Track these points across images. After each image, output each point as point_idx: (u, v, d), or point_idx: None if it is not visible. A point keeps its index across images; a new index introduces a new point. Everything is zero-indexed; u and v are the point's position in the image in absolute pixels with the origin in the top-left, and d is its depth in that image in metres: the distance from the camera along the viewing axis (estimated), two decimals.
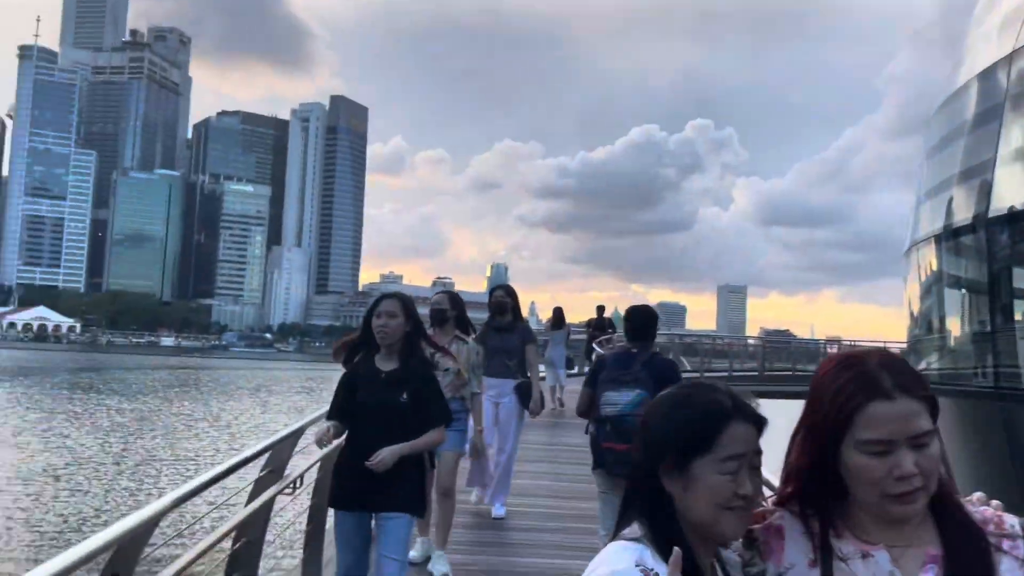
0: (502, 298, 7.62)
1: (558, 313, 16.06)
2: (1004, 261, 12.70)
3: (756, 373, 21.56)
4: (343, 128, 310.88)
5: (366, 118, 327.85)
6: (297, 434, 4.90)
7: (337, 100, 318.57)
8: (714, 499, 1.41)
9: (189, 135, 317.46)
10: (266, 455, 4.55)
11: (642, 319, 5.25)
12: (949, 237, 14.98)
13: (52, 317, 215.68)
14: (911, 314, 17.87)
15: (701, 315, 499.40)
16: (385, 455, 3.83)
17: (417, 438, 3.98)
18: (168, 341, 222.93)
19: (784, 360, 24.58)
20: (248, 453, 4.29)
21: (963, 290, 15.15)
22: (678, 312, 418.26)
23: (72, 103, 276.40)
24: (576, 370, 18.73)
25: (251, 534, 4.21)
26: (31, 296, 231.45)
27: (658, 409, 1.51)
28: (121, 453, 28.29)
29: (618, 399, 4.73)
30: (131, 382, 69.05)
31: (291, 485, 4.68)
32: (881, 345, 25.23)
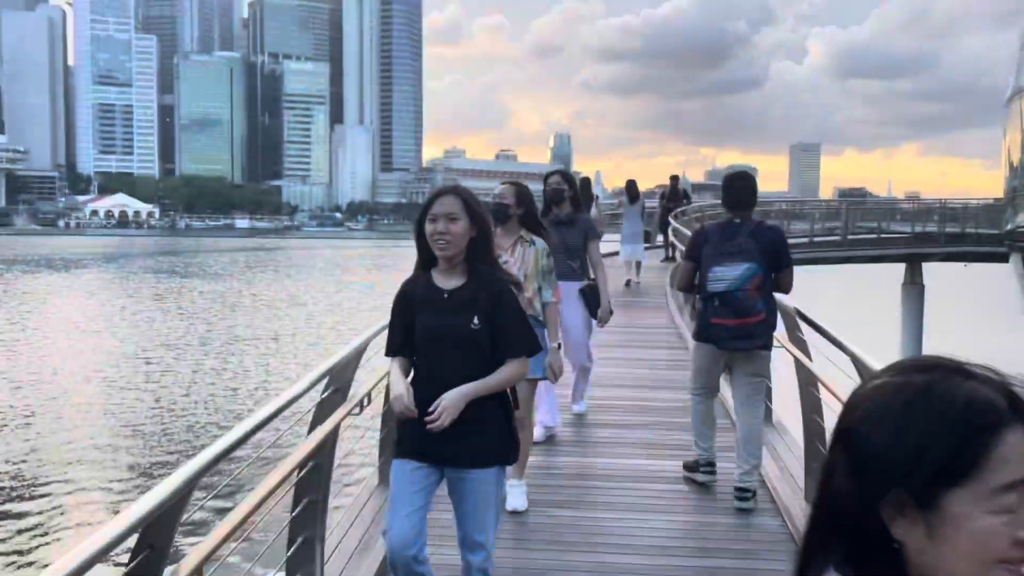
0: (558, 185, 6.24)
1: (631, 186, 15.37)
2: None
3: (839, 237, 20.49)
4: None
5: None
6: (360, 352, 4.33)
7: None
8: (983, 551, 0.89)
9: (245, 14, 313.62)
10: (326, 379, 3.97)
11: (742, 186, 4.91)
12: None
13: (131, 204, 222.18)
14: (1010, 166, 16.66)
15: (773, 177, 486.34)
16: (448, 404, 2.91)
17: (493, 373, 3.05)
18: (243, 223, 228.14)
19: (860, 220, 23.37)
20: (306, 382, 3.63)
21: None
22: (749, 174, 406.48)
23: None
24: (650, 244, 18.27)
25: (318, 458, 3.72)
26: (109, 184, 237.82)
27: (876, 409, 0.95)
28: (206, 335, 29.27)
29: (726, 273, 4.53)
30: (211, 264, 71.23)
31: (359, 406, 4.14)
32: (967, 200, 23.81)
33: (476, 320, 3.01)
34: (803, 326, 4.99)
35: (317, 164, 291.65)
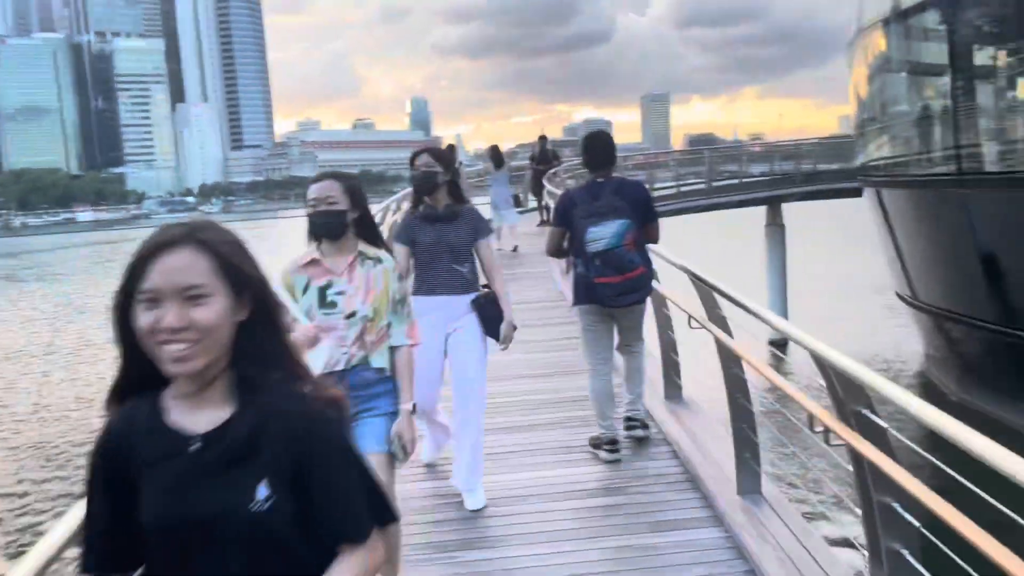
0: (428, 167, 4.44)
1: (495, 151, 14.91)
2: (967, 36, 11.87)
3: (704, 185, 20.82)
4: None
5: None
6: None
7: None
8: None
9: None
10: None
11: (601, 145, 5.00)
12: (901, 18, 14.05)
13: None
14: (858, 102, 17.20)
15: (626, 128, 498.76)
16: None
17: None
18: (86, 216, 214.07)
19: (722, 166, 23.97)
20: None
21: (917, 73, 14.42)
22: (604, 127, 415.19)
23: None
24: (522, 208, 17.87)
25: None
26: None
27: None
28: (51, 343, 26.98)
29: (603, 232, 4.60)
30: (52, 264, 66.15)
31: None
32: (803, 139, 24.81)
33: (262, 491, 1.46)
34: (721, 301, 4.66)
35: (161, 147, 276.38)
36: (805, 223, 24.70)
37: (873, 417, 2.93)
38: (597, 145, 5.00)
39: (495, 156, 14.78)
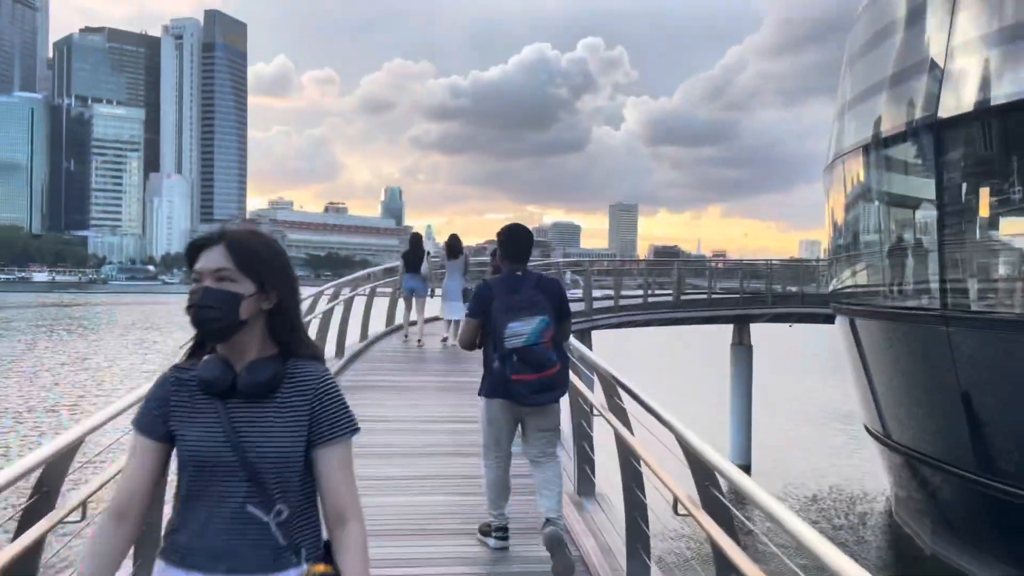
0: None
1: (453, 241, 14.12)
2: (955, 166, 11.43)
3: (672, 297, 20.17)
4: (220, 45, 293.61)
5: (245, 34, 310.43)
6: (74, 448, 3.40)
7: (212, 15, 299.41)
8: None
9: (50, 54, 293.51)
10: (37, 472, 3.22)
11: (524, 238, 4.94)
12: (881, 146, 13.73)
13: None
14: (834, 227, 16.79)
15: (595, 234, 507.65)
16: None
17: None
18: (41, 276, 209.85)
19: (691, 279, 23.47)
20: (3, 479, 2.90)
21: (898, 203, 14.03)
22: (572, 231, 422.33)
23: None
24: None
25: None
26: None
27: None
28: None
29: (523, 328, 4.49)
30: None
31: (77, 509, 3.36)
32: (767, 260, 24.60)
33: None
34: (622, 394, 4.76)
35: (129, 213, 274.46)
36: (772, 344, 24.15)
37: (722, 500, 3.12)
38: (519, 237, 4.91)
39: (451, 246, 14.05)
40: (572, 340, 5.38)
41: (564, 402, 5.08)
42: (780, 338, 25.29)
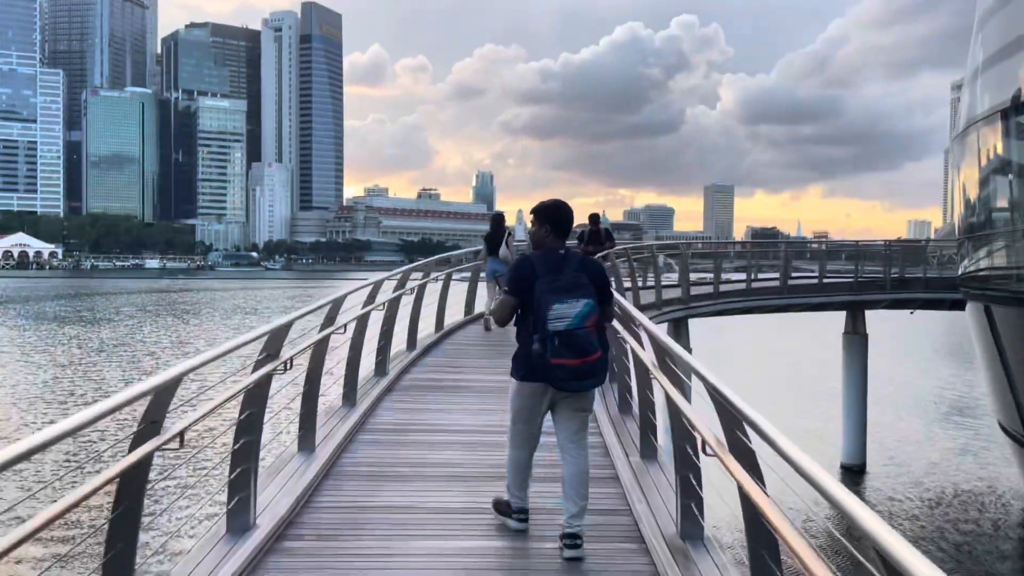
0: None
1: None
2: None
3: (778, 283, 18.58)
4: (317, 36, 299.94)
5: (340, 25, 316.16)
6: (290, 324, 5.20)
7: (309, 7, 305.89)
8: None
9: (158, 50, 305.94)
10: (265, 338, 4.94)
11: (568, 216, 4.73)
12: None
13: (32, 243, 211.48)
14: (966, 204, 15.10)
15: (689, 216, 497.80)
16: None
17: None
18: (153, 263, 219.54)
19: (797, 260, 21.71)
20: (249, 336, 4.69)
21: None
22: (666, 214, 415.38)
23: (34, 20, 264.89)
24: None
25: (252, 406, 4.69)
26: (10, 223, 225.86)
27: None
28: (69, 387, 25.74)
29: (567, 311, 4.35)
30: (103, 308, 66.31)
31: (284, 365, 5.06)
32: (886, 240, 22.54)
33: None
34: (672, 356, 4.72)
35: (233, 202, 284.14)
36: (890, 332, 22.29)
37: (746, 442, 3.27)
38: (563, 215, 4.68)
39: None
40: (616, 297, 5.49)
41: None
42: (899, 326, 23.43)
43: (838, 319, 19.27)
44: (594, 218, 15.40)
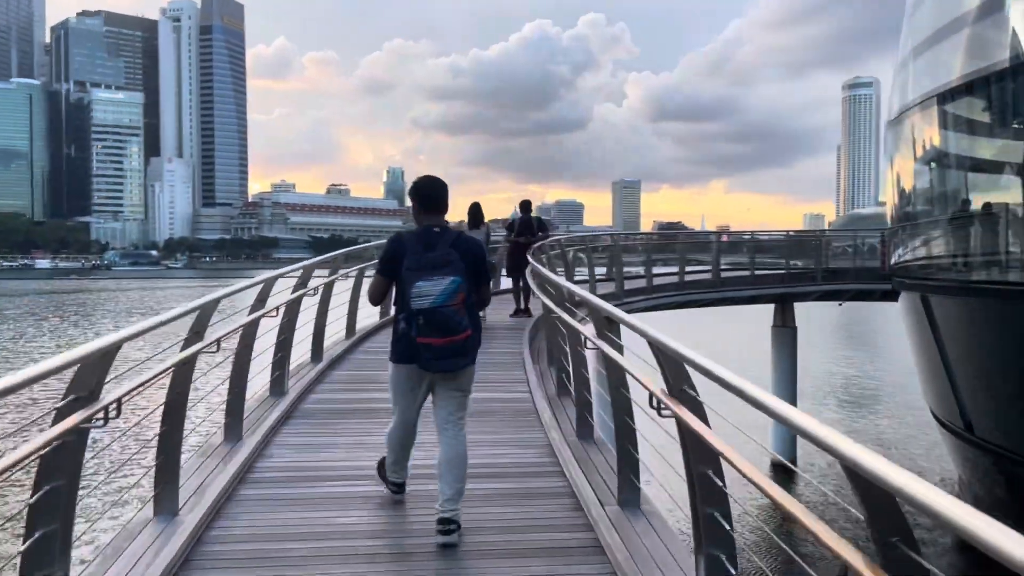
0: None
1: (475, 210, 12.31)
2: None
3: (710, 276, 18.00)
4: (219, 27, 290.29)
5: (243, 16, 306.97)
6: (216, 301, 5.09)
7: None
8: None
9: (47, 39, 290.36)
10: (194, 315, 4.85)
11: (439, 188, 4.61)
12: (977, 88, 11.71)
13: None
14: (900, 192, 14.81)
15: (598, 211, 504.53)
16: None
17: None
18: (44, 263, 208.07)
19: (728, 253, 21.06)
20: (172, 313, 4.53)
21: (992, 158, 12.04)
22: (576, 209, 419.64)
23: None
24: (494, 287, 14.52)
25: (178, 386, 4.62)
26: None
27: None
28: None
29: (431, 289, 4.24)
30: None
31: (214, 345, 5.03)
32: (767, 232, 22.40)
33: None
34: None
35: (131, 199, 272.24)
36: (818, 324, 22.17)
37: (692, 392, 3.39)
38: (429, 190, 4.57)
39: (473, 214, 12.26)
40: (546, 274, 5.94)
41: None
42: (827, 318, 23.36)
43: (770, 311, 18.92)
44: (525, 205, 13.99)
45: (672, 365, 3.42)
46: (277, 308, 7.27)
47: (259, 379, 7.35)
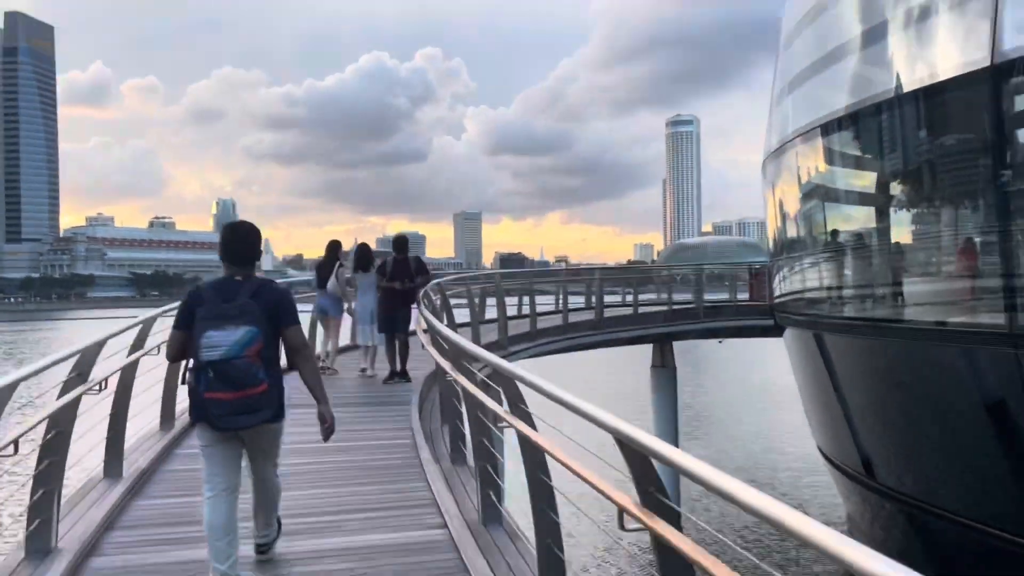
0: None
1: (364, 251, 11.63)
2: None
3: (593, 317, 16.95)
4: (25, 49, 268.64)
5: (52, 37, 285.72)
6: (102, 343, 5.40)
7: (14, 16, 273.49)
8: None
9: None
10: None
11: (246, 236, 4.25)
12: (859, 119, 11.29)
13: None
14: (782, 227, 14.39)
15: (440, 243, 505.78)
16: None
17: None
18: None
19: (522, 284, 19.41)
20: (58, 356, 4.87)
21: (876, 191, 11.64)
22: (417, 241, 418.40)
23: None
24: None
25: (60, 426, 4.59)
26: None
27: None
28: None
29: (222, 339, 3.91)
30: None
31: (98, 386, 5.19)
32: (604, 263, 22.23)
33: None
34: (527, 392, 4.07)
35: None
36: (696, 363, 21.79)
37: (524, 408, 3.81)
38: (239, 236, 4.22)
39: (361, 256, 11.54)
40: (442, 332, 6.28)
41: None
42: (705, 357, 23.10)
43: (648, 351, 18.22)
44: (400, 243, 11.49)
45: (508, 386, 4.04)
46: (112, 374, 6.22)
47: (140, 418, 6.98)
